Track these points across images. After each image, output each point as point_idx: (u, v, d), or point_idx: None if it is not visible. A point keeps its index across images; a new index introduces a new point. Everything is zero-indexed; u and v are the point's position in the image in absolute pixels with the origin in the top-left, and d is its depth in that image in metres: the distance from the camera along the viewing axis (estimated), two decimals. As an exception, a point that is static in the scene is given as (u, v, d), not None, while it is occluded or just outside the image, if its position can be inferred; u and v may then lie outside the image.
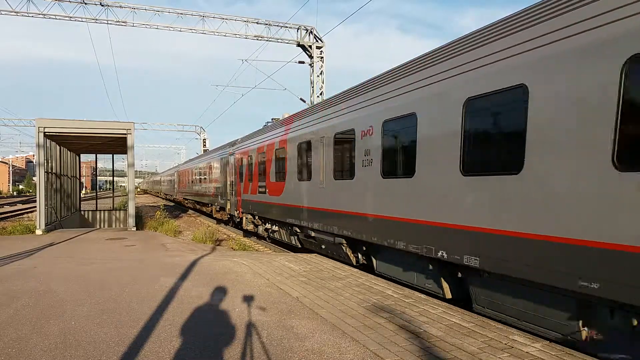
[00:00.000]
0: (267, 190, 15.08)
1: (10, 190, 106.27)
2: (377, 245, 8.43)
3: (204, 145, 54.41)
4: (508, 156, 5.59)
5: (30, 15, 22.96)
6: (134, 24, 24.44)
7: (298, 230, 12.84)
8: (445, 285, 7.10)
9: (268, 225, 16.04)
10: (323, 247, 11.27)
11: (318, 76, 25.44)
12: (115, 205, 28.72)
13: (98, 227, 23.57)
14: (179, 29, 25.27)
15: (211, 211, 27.32)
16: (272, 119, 18.31)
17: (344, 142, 9.72)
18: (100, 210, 25.47)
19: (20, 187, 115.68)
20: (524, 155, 5.24)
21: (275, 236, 15.63)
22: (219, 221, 25.60)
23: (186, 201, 40.38)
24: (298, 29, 25.59)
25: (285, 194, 13.38)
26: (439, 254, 6.58)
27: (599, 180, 4.39)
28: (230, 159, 21.27)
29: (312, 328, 5.55)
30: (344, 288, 7.65)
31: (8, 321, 5.84)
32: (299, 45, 25.68)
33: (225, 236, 19.95)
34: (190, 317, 5.98)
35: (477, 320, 5.87)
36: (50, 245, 13.58)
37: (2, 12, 22.85)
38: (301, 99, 25.81)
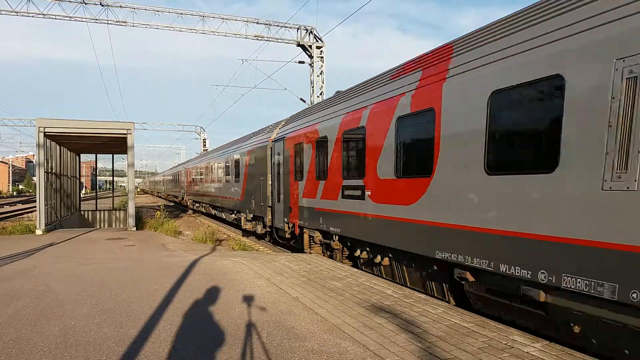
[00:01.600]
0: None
1: (10, 190, 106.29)
2: None
3: (204, 145, 54.44)
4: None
5: (30, 15, 22.96)
6: (134, 24, 24.44)
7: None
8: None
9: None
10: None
11: (318, 76, 25.44)
12: (115, 205, 28.72)
13: (98, 227, 23.57)
14: (179, 29, 25.26)
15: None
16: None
17: None
18: (100, 210, 25.46)
19: (20, 187, 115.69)
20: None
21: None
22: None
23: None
24: (298, 29, 25.60)
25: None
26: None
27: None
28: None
29: (312, 328, 5.55)
30: (344, 288, 7.65)
31: (8, 321, 5.84)
32: (299, 45, 25.68)
33: (225, 236, 19.95)
34: (190, 317, 5.98)
35: (477, 320, 5.87)
36: (50, 245, 13.58)
37: (2, 12, 22.84)
38: (301, 99, 25.82)
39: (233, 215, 21.68)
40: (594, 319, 4.84)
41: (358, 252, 9.77)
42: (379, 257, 9.03)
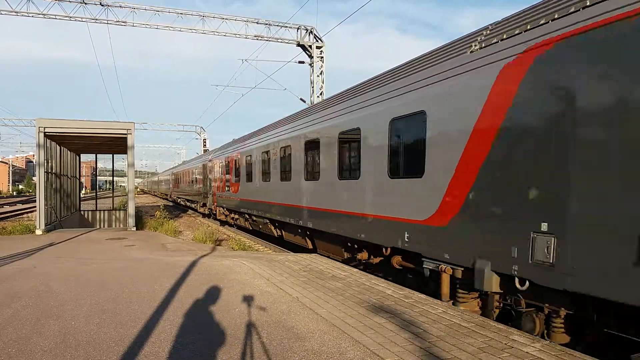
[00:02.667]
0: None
1: (10, 190, 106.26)
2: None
3: (204, 145, 54.42)
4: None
5: (30, 15, 22.97)
6: (134, 24, 24.46)
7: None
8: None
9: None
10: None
11: (318, 76, 25.45)
12: (115, 205, 28.71)
13: (98, 227, 23.56)
14: (179, 29, 25.28)
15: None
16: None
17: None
18: (100, 210, 25.46)
19: (20, 187, 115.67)
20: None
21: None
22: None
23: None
24: (298, 29, 25.60)
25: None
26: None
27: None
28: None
29: (312, 328, 5.55)
30: (344, 288, 7.65)
31: (8, 321, 5.84)
32: (299, 45, 25.69)
33: (225, 236, 19.96)
34: (190, 317, 5.98)
35: (477, 320, 5.87)
36: (50, 245, 13.58)
37: (2, 12, 22.85)
38: (301, 99, 25.83)
39: (195, 204, 34.35)
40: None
41: (233, 215, 21.69)
42: (236, 215, 21.06)
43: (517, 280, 5.63)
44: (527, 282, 5.49)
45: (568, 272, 4.89)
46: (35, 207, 18.94)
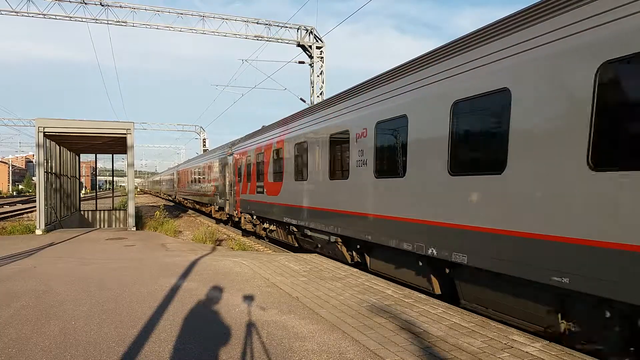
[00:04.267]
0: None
1: (10, 190, 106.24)
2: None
3: (204, 145, 54.41)
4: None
5: (30, 15, 22.95)
6: (134, 24, 24.43)
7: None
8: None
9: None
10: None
11: (318, 76, 25.44)
12: (115, 205, 28.71)
13: (98, 227, 23.57)
14: (179, 29, 25.26)
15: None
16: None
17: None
18: (100, 210, 25.46)
19: (20, 187, 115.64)
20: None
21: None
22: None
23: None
24: (298, 29, 25.59)
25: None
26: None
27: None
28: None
29: (312, 328, 5.55)
30: (344, 288, 7.66)
31: (8, 321, 5.84)
32: (299, 45, 25.67)
33: (225, 236, 19.95)
34: (191, 317, 5.98)
35: (477, 320, 5.88)
36: (50, 245, 13.58)
37: (2, 12, 22.84)
38: (301, 99, 25.82)
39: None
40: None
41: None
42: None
43: None
44: None
45: None
46: (35, 207, 18.94)
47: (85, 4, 23.19)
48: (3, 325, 5.66)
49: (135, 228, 18.68)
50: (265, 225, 16.42)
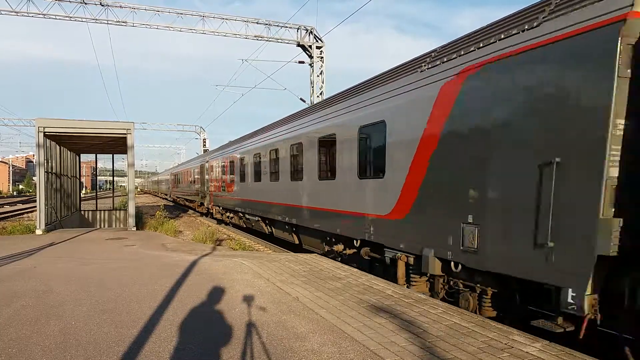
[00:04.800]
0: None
1: (10, 190, 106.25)
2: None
3: (204, 146, 54.39)
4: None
5: (30, 15, 22.95)
6: (134, 24, 24.43)
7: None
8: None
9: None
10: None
11: (318, 76, 25.44)
12: (115, 205, 28.71)
13: (98, 227, 23.57)
14: (179, 29, 25.25)
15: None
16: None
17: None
18: (100, 210, 25.46)
19: (20, 187, 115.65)
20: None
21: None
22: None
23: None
24: (298, 29, 25.59)
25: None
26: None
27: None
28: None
29: (312, 328, 5.55)
30: (344, 288, 7.66)
31: (8, 321, 5.84)
32: (299, 45, 25.67)
33: (225, 236, 19.96)
34: (191, 317, 5.99)
35: (477, 320, 5.88)
36: (51, 245, 13.58)
37: (2, 12, 22.84)
38: (301, 99, 25.82)
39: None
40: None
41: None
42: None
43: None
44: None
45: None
46: (35, 207, 18.94)
47: (85, 4, 23.19)
48: (3, 325, 5.66)
49: (135, 228, 18.68)
50: (228, 214, 23.48)
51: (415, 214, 7.61)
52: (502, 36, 6.08)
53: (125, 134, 18.07)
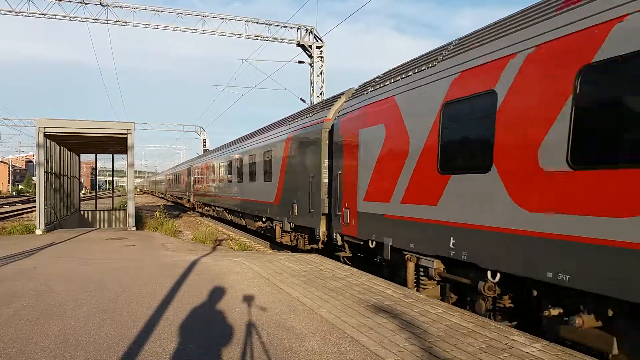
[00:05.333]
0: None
1: (10, 190, 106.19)
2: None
3: (204, 146, 54.38)
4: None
5: (30, 15, 22.96)
6: (134, 24, 24.44)
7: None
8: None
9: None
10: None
11: (318, 76, 25.45)
12: (115, 205, 28.71)
13: (98, 227, 23.56)
14: (179, 29, 25.27)
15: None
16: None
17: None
18: (100, 210, 25.45)
19: (20, 187, 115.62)
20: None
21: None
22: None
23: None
24: (298, 28, 25.60)
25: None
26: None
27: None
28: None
29: (313, 328, 5.55)
30: (344, 288, 7.66)
31: (8, 321, 5.84)
32: (299, 45, 25.68)
33: (225, 236, 19.96)
34: (191, 317, 5.99)
35: (477, 320, 5.88)
36: (50, 245, 13.58)
37: (2, 12, 22.84)
38: (301, 99, 25.84)
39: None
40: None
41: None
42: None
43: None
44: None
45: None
46: (35, 207, 18.93)
47: (85, 3, 23.19)
48: (3, 325, 5.66)
49: (135, 228, 18.68)
50: (206, 208, 29.64)
51: (281, 200, 14.27)
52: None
53: (125, 134, 18.06)
